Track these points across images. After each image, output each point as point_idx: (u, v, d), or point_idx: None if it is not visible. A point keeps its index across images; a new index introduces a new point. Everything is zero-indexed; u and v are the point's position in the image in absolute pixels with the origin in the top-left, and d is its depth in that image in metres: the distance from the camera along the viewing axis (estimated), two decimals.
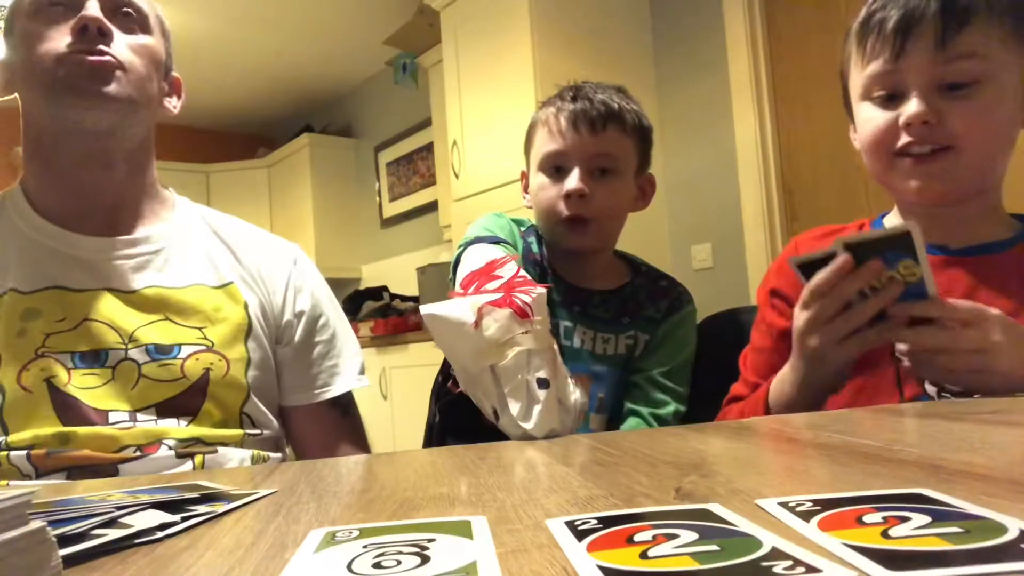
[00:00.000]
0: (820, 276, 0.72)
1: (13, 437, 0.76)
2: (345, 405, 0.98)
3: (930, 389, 0.79)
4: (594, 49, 2.86)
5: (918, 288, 0.69)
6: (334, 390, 0.96)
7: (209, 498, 0.45)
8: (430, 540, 0.31)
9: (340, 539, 0.32)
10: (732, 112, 2.73)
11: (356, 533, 0.33)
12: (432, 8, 3.31)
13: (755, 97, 2.66)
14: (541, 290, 0.76)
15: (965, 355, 0.68)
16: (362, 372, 1.00)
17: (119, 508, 0.40)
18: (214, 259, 0.93)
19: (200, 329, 0.86)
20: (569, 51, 2.82)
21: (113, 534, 0.36)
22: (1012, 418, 0.55)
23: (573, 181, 1.01)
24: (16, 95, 0.89)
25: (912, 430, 0.55)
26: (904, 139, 0.78)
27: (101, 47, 0.84)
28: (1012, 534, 0.25)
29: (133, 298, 0.85)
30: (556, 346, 0.77)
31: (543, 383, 0.70)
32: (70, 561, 0.33)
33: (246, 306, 0.91)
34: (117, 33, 0.86)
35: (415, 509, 0.38)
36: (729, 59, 2.72)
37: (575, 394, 0.75)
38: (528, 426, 0.67)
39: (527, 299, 0.73)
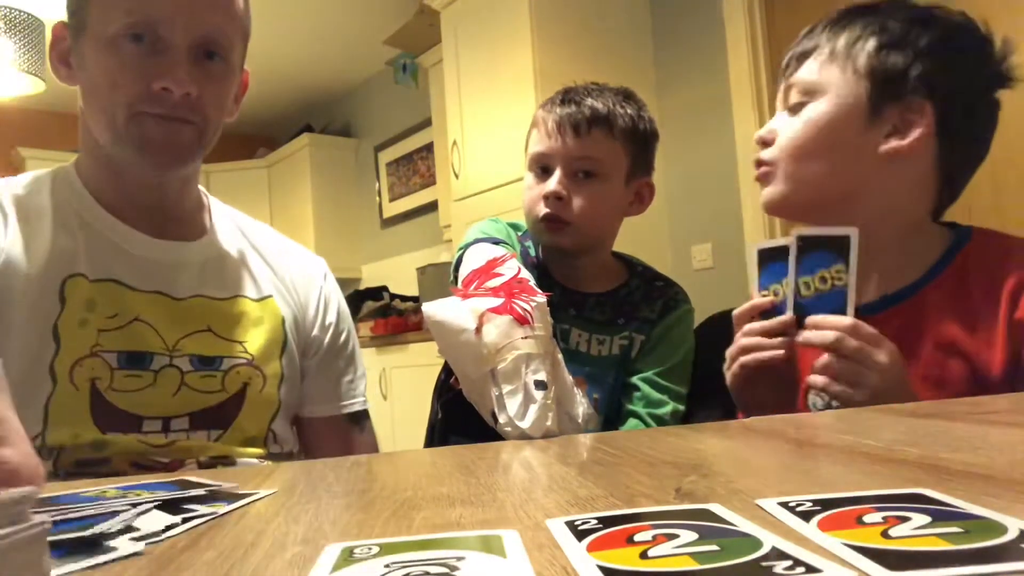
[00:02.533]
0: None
1: (52, 436, 0.75)
2: (362, 420, 0.99)
3: (812, 401, 0.82)
4: (594, 49, 2.86)
5: (842, 292, 0.75)
6: (356, 405, 0.97)
7: (210, 497, 0.45)
8: (459, 559, 0.28)
9: (358, 556, 0.29)
10: (732, 112, 2.73)
11: (376, 550, 0.30)
12: (432, 8, 3.31)
13: (755, 97, 2.66)
14: (542, 299, 0.77)
15: (850, 362, 0.73)
16: (364, 392, 1.01)
17: (121, 508, 0.40)
18: (253, 271, 0.93)
19: (241, 343, 0.86)
20: (569, 51, 2.81)
21: (119, 540, 0.35)
22: (1012, 418, 0.55)
23: (552, 183, 1.02)
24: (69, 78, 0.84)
25: (912, 430, 0.55)
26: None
27: (183, 116, 0.80)
28: (1012, 534, 0.25)
29: (180, 306, 0.84)
30: (559, 355, 0.78)
31: (541, 385, 0.70)
32: (70, 560, 0.33)
33: (283, 321, 0.91)
34: (200, 85, 0.80)
35: (415, 509, 0.38)
36: (729, 59, 2.72)
37: (582, 405, 0.75)
38: (524, 425, 0.68)
39: (527, 306, 0.74)
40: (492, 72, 2.98)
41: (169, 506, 0.41)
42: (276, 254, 0.97)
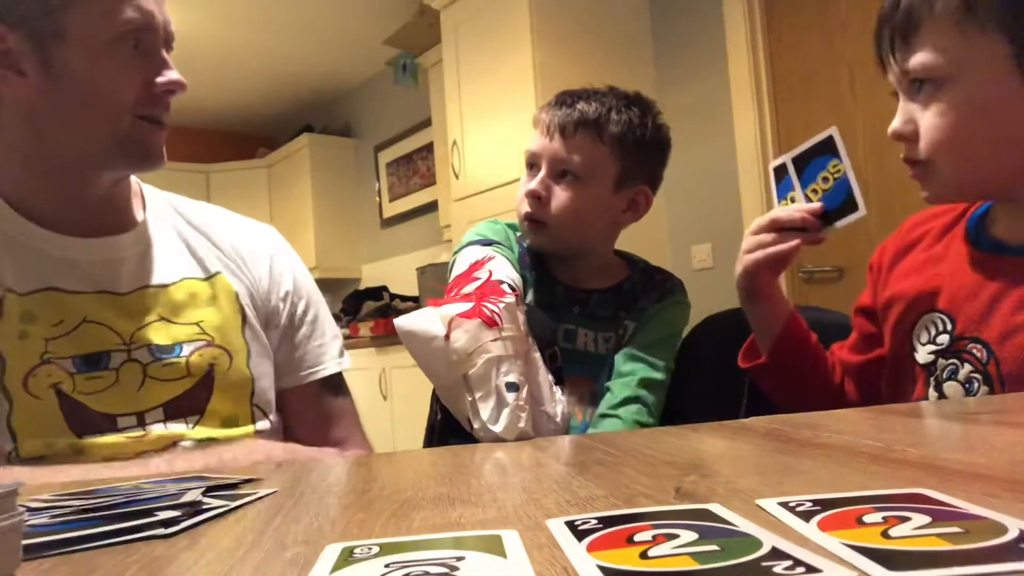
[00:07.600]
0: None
1: (26, 447, 0.74)
2: (336, 385, 0.98)
3: (932, 393, 0.80)
4: (594, 49, 2.86)
5: (843, 181, 0.83)
6: (326, 370, 0.96)
7: (213, 488, 0.45)
8: (459, 559, 0.28)
9: (358, 556, 0.29)
10: (732, 112, 2.73)
11: (376, 550, 0.30)
12: (432, 8, 3.31)
13: (755, 97, 2.66)
14: (511, 299, 0.77)
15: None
16: (342, 353, 0.99)
17: (126, 502, 0.40)
18: (196, 250, 0.91)
19: (198, 324, 0.85)
20: (569, 51, 2.81)
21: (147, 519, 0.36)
22: (1012, 418, 0.55)
23: (533, 182, 1.04)
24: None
25: (912, 430, 0.56)
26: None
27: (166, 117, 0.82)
28: (1012, 534, 0.25)
29: (126, 300, 0.83)
30: (535, 353, 0.77)
31: (512, 387, 0.70)
32: (68, 546, 0.33)
33: (236, 296, 0.90)
34: None
35: (415, 509, 0.38)
36: (729, 59, 2.72)
37: (561, 403, 0.75)
38: (497, 429, 0.68)
39: (496, 308, 0.74)
40: (492, 72, 2.98)
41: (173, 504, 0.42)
42: (220, 231, 0.95)
